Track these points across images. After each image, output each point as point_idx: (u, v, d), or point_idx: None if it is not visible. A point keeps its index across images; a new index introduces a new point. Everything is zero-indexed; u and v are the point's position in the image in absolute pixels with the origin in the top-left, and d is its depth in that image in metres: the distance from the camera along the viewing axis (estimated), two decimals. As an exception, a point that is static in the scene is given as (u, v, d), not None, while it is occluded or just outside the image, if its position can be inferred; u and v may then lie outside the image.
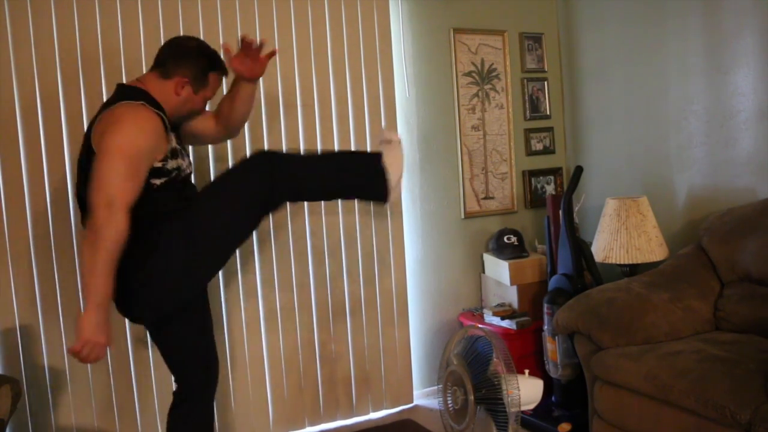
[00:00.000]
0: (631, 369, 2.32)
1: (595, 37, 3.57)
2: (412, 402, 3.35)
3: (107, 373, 2.72)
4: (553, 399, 3.07)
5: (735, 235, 2.66)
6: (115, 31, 2.68)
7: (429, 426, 3.06)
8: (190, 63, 2.07)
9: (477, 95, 3.55)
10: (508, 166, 3.64)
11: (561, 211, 3.08)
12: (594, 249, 3.05)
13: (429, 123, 3.43)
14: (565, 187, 3.76)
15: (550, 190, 3.77)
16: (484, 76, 3.57)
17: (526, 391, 2.32)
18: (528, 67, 3.69)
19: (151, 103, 2.00)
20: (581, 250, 3.04)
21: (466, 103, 3.51)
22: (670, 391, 2.16)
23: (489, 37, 3.57)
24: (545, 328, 3.06)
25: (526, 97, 3.69)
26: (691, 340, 2.47)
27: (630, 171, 3.44)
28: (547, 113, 3.77)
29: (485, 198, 3.59)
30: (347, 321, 3.19)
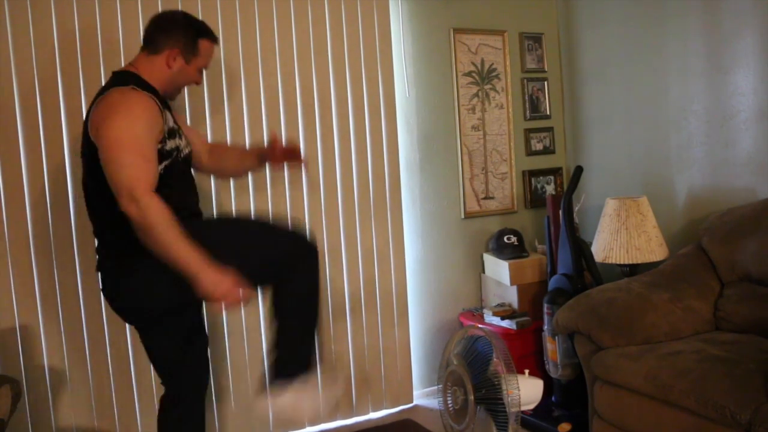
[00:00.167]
0: (631, 369, 2.32)
1: (595, 37, 3.57)
2: (412, 402, 3.35)
3: (107, 373, 2.72)
4: (553, 399, 3.07)
5: (735, 235, 2.66)
6: (115, 29, 2.68)
7: (429, 426, 3.06)
8: (179, 33, 2.03)
9: (477, 95, 3.55)
10: (508, 166, 3.64)
11: (561, 211, 3.08)
12: (594, 249, 3.05)
13: (429, 123, 3.43)
14: (565, 187, 3.76)
15: (550, 190, 3.76)
16: (484, 76, 3.57)
17: (526, 391, 2.32)
18: (528, 67, 3.69)
19: (142, 85, 1.97)
20: (581, 250, 3.04)
21: (466, 103, 3.51)
22: (670, 391, 2.16)
23: (489, 37, 3.57)
24: (545, 328, 3.06)
25: (526, 97, 3.69)
26: (691, 340, 2.47)
27: (630, 171, 3.43)
28: (547, 113, 3.77)
29: (485, 198, 3.59)
30: (347, 321, 3.19)
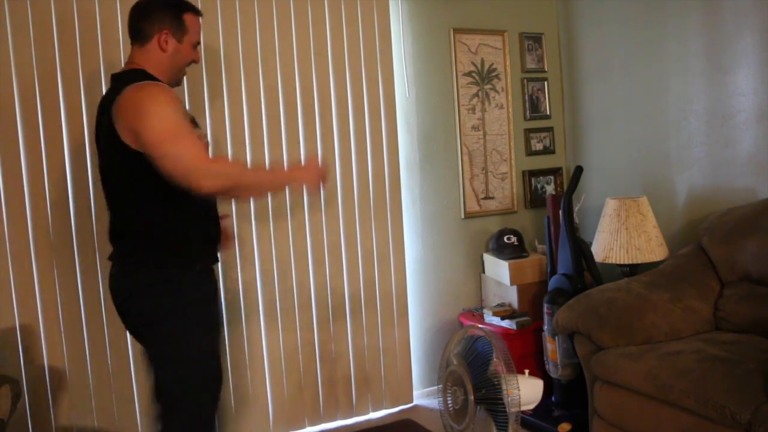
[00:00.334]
0: (631, 369, 2.32)
1: (595, 37, 3.57)
2: (412, 402, 3.35)
3: (107, 373, 2.72)
4: (553, 399, 3.07)
5: (735, 235, 2.66)
6: (115, 29, 2.68)
7: (429, 426, 3.06)
8: (161, 14, 1.99)
9: (477, 95, 3.55)
10: (508, 166, 3.64)
11: (561, 211, 3.08)
12: (594, 249, 3.05)
13: (429, 123, 3.43)
14: (565, 187, 3.76)
15: (550, 190, 3.76)
16: (484, 76, 3.56)
17: (526, 391, 2.31)
18: (528, 67, 3.69)
19: (151, 79, 1.95)
20: (581, 250, 3.04)
21: (466, 103, 3.51)
22: (670, 391, 2.16)
23: (489, 37, 3.57)
24: (545, 328, 3.06)
25: (526, 97, 3.69)
26: (691, 340, 2.47)
27: (630, 171, 3.43)
28: (547, 113, 3.77)
29: (485, 198, 3.59)
30: (347, 321, 3.19)
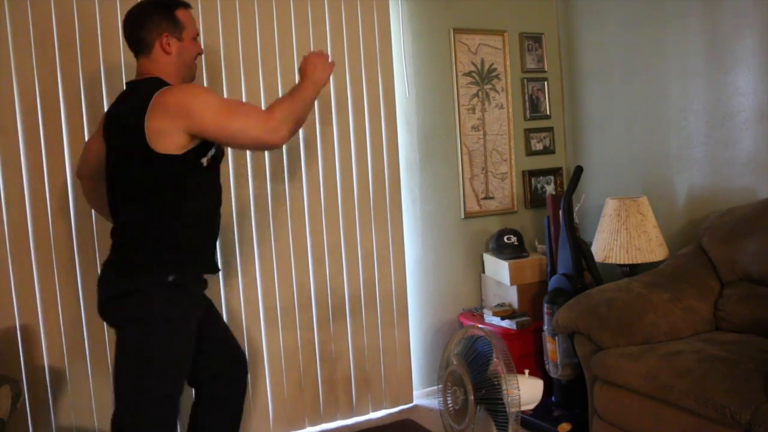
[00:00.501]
0: (631, 369, 2.32)
1: (595, 37, 3.57)
2: (412, 402, 3.35)
3: (107, 373, 2.72)
4: (553, 399, 3.07)
5: (735, 235, 2.66)
6: (115, 30, 2.68)
7: (429, 426, 3.06)
8: (155, 18, 2.00)
9: (477, 95, 3.55)
10: (508, 166, 3.64)
11: (561, 211, 3.08)
12: (594, 249, 3.05)
13: (429, 123, 3.43)
14: (565, 187, 3.76)
15: (550, 190, 3.76)
16: (484, 76, 3.56)
17: (526, 391, 2.31)
18: (528, 67, 3.69)
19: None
20: (581, 250, 3.04)
21: (466, 103, 3.51)
22: (670, 391, 2.16)
23: (489, 37, 3.57)
24: (545, 328, 3.06)
25: (526, 97, 3.69)
26: (691, 340, 2.47)
27: (630, 171, 3.43)
28: (547, 113, 3.77)
29: (485, 198, 3.59)
30: (347, 321, 3.19)
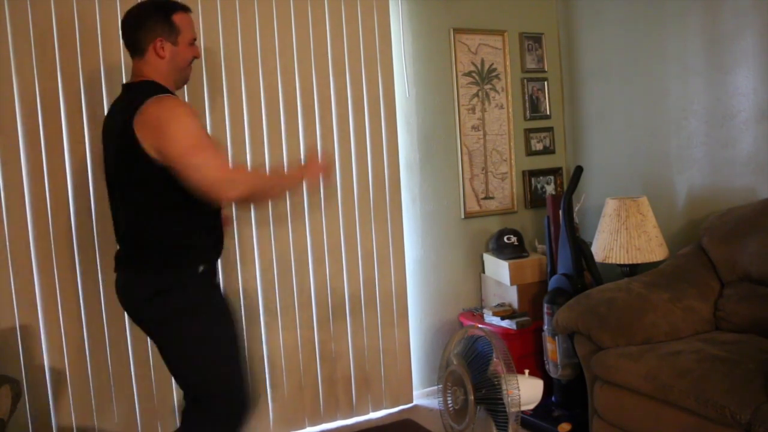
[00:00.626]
0: (631, 369, 2.32)
1: (595, 37, 3.57)
2: (411, 402, 3.35)
3: (107, 373, 2.72)
4: (553, 399, 3.07)
5: (735, 235, 2.66)
6: (115, 30, 2.67)
7: (429, 426, 3.06)
8: (151, 21, 1.99)
9: (477, 95, 3.55)
10: (508, 166, 3.64)
11: (561, 211, 3.08)
12: (594, 249, 3.05)
13: (429, 123, 3.43)
14: (565, 187, 3.76)
15: (550, 190, 3.76)
16: (484, 76, 3.56)
17: (526, 391, 2.32)
18: (528, 67, 3.69)
19: (166, 91, 1.97)
20: (581, 250, 3.04)
21: (466, 103, 3.51)
22: (670, 391, 2.16)
23: (489, 37, 3.57)
24: (545, 328, 3.06)
25: (526, 97, 3.69)
26: (691, 340, 2.47)
27: (630, 171, 3.43)
28: (547, 113, 3.77)
29: (485, 198, 3.59)
30: (347, 321, 3.19)
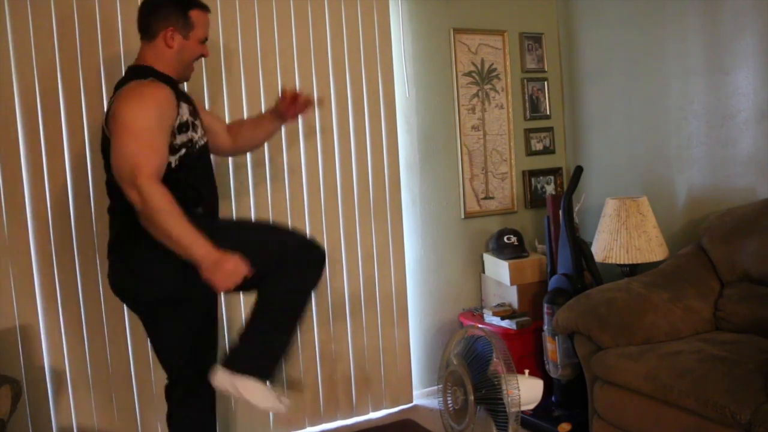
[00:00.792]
0: (631, 369, 2.32)
1: (595, 37, 3.57)
2: (411, 402, 3.35)
3: (107, 373, 2.72)
4: (553, 399, 3.07)
5: (735, 235, 2.66)
6: (115, 30, 2.68)
7: (429, 426, 3.06)
8: (167, 11, 2.04)
9: (477, 95, 3.55)
10: (508, 166, 3.64)
11: (561, 211, 3.08)
12: (594, 249, 3.05)
13: (429, 123, 3.43)
14: (565, 187, 3.76)
15: (550, 190, 3.76)
16: (484, 76, 3.56)
17: (526, 391, 2.32)
18: (528, 67, 3.69)
19: (159, 77, 2.00)
20: (581, 250, 3.04)
21: (466, 103, 3.51)
22: (670, 391, 2.16)
23: (489, 37, 3.57)
24: (545, 328, 3.06)
25: (526, 97, 3.69)
26: (691, 340, 2.47)
27: (630, 171, 3.43)
28: (547, 113, 3.77)
29: (485, 198, 3.59)
30: (347, 321, 3.19)
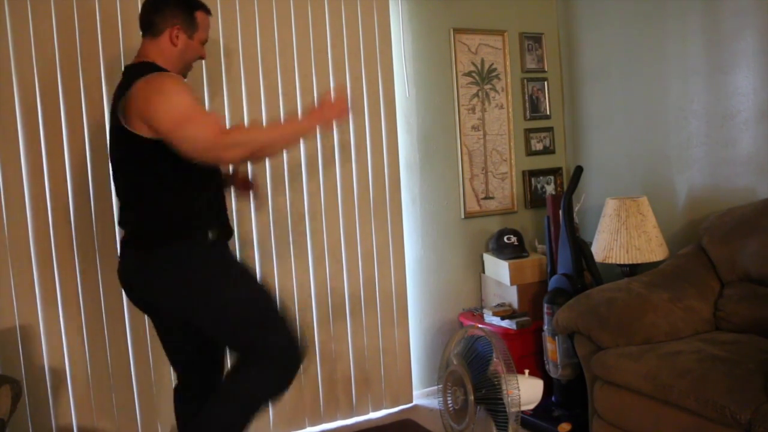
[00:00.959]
0: (631, 369, 2.32)
1: (595, 37, 3.57)
2: (411, 402, 3.35)
3: (107, 373, 2.72)
4: (553, 399, 3.07)
5: (735, 235, 2.66)
6: (115, 30, 2.68)
7: (429, 426, 3.06)
8: (174, 9, 2.05)
9: (477, 95, 3.55)
10: (508, 166, 3.64)
11: (561, 211, 3.08)
12: (594, 249, 3.05)
13: (429, 123, 3.43)
14: (565, 187, 3.76)
15: (550, 190, 3.76)
16: (484, 76, 3.56)
17: (526, 391, 2.32)
18: (528, 67, 3.69)
19: (160, 70, 1.99)
20: (581, 250, 3.04)
21: (466, 103, 3.51)
22: (670, 391, 2.16)
23: (489, 37, 3.57)
24: (545, 328, 3.06)
25: (526, 97, 3.69)
26: (691, 340, 2.47)
27: (630, 171, 3.43)
28: (547, 113, 3.77)
29: (485, 198, 3.59)
30: (347, 321, 3.19)
